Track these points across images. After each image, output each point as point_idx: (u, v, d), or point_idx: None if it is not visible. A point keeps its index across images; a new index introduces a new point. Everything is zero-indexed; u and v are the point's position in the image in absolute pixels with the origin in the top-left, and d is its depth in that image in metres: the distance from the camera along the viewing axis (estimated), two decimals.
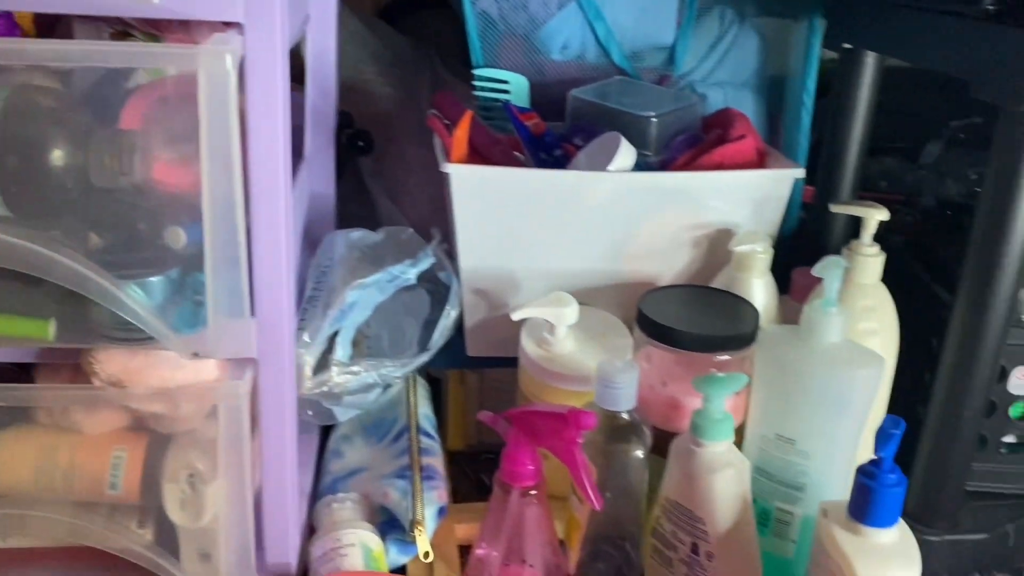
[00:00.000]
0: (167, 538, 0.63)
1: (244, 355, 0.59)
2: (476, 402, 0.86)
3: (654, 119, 0.81)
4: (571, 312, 0.72)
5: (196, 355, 0.58)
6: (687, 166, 0.80)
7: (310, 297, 0.77)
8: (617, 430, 0.64)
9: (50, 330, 0.58)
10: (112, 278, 0.55)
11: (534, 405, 0.71)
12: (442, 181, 0.76)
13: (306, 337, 0.72)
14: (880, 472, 0.54)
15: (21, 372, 0.63)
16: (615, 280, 0.80)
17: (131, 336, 0.57)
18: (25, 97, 0.55)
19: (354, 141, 0.94)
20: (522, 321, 0.75)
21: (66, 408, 0.62)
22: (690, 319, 0.70)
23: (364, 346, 0.79)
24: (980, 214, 0.64)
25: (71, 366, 0.62)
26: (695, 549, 0.61)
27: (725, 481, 0.60)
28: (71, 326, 0.58)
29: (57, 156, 0.55)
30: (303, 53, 0.83)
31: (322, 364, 0.74)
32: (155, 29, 0.61)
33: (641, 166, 0.79)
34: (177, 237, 0.56)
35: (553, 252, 0.79)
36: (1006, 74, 0.59)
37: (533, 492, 0.59)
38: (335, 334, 0.74)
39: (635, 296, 0.73)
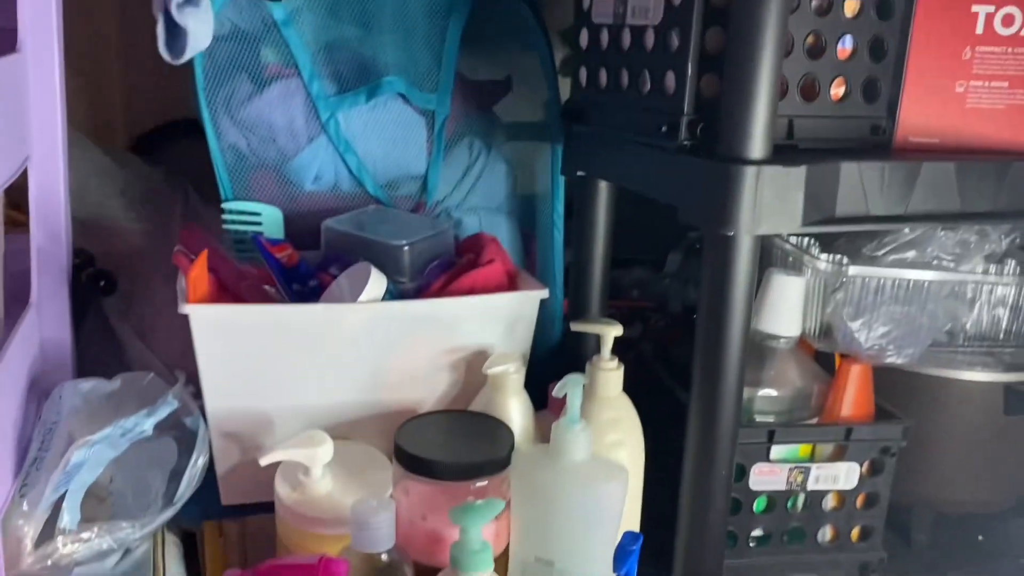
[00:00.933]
0: None
1: None
2: (238, 554, 0.80)
3: (406, 247, 0.82)
4: (325, 451, 0.70)
5: None
6: (441, 291, 0.81)
7: (35, 459, 0.69)
8: (377, 573, 0.61)
9: None
10: None
11: (287, 557, 0.67)
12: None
13: (25, 506, 0.65)
14: None
15: None
16: (376, 411, 0.79)
17: None
18: None
19: (95, 281, 0.88)
20: (276, 464, 0.71)
21: None
22: (445, 447, 0.69)
23: (108, 504, 0.72)
24: (699, 323, 0.69)
25: None
26: None
27: None
28: None
29: None
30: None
31: (47, 533, 0.66)
32: None
33: (396, 293, 0.80)
34: None
35: (307, 387, 0.76)
36: (702, 200, 0.65)
37: None
38: (62, 498, 0.67)
39: (398, 425, 0.72)
